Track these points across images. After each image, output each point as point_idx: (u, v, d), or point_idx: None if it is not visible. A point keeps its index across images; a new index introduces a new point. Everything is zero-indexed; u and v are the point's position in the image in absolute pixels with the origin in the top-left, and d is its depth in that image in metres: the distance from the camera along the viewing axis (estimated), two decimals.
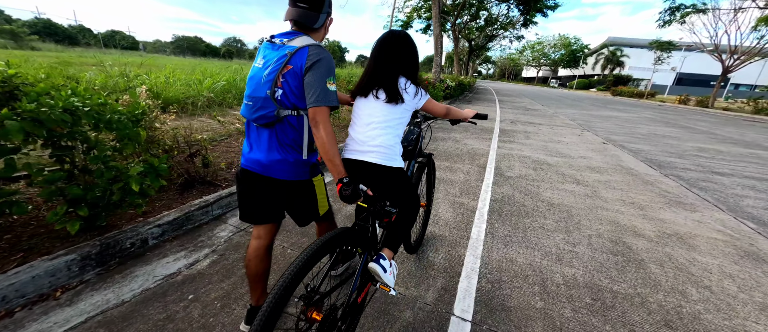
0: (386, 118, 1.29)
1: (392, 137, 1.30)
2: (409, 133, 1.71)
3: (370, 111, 1.30)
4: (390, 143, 1.29)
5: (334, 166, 1.11)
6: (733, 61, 21.90)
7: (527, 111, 12.33)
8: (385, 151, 1.27)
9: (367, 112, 1.31)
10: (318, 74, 1.06)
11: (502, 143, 5.93)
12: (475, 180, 3.78)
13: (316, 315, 1.02)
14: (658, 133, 8.47)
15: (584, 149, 5.85)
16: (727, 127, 11.41)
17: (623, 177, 4.20)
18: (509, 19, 26.59)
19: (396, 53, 1.31)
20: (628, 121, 11.01)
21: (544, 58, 75.94)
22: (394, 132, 1.31)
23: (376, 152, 1.27)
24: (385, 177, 1.30)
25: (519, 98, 20.47)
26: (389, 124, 1.29)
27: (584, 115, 12.36)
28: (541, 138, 6.71)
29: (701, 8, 18.96)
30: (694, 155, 5.93)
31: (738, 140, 8.21)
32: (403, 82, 1.30)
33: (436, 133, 6.39)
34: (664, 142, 7.11)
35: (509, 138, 6.49)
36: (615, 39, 60.20)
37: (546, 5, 21.56)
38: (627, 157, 5.40)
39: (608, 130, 8.44)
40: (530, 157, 4.98)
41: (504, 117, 9.88)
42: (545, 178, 3.96)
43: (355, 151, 1.30)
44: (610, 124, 9.79)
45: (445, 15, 24.42)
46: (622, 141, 6.96)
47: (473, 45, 33.32)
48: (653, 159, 5.41)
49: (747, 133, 10.01)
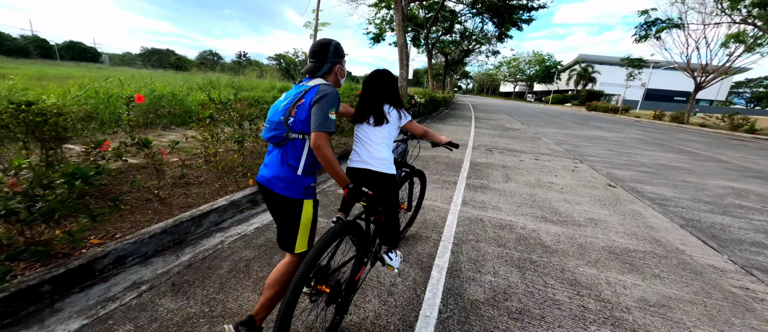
0: (378, 137, 1.71)
1: (385, 150, 1.72)
2: (397, 147, 2.08)
3: (366, 132, 1.73)
4: (384, 155, 1.71)
5: (339, 175, 1.35)
6: (706, 77, 21.84)
7: (506, 132, 10.69)
8: (382, 161, 1.69)
9: (364, 133, 1.73)
10: (323, 105, 1.31)
11: (470, 192, 3.97)
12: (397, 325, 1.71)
13: (325, 289, 1.40)
14: (662, 162, 6.89)
15: (588, 200, 3.98)
16: (725, 149, 10.18)
17: (680, 277, 2.28)
18: (484, 33, 25.77)
19: (379, 86, 1.76)
20: (618, 144, 9.54)
21: (520, 73, 77.68)
22: (386, 146, 1.73)
23: (375, 162, 1.68)
24: (381, 181, 1.70)
25: (497, 114, 19.15)
26: (381, 140, 1.71)
27: (568, 136, 10.85)
28: (524, 178, 4.83)
29: (676, 22, 18.67)
30: (738, 206, 4.20)
31: (759, 171, 6.72)
32: (387, 107, 1.75)
33: None
34: (681, 179, 5.43)
35: (482, 180, 4.56)
36: (585, 56, 62.26)
37: (521, 18, 20.73)
38: (655, 218, 3.56)
39: (604, 160, 6.77)
40: (512, 228, 3.01)
41: (479, 141, 8.07)
42: (544, 301, 1.96)
43: (359, 162, 1.71)
44: (602, 150, 8.19)
45: (417, 27, 23.19)
46: (630, 179, 5.21)
47: (449, 59, 32.43)
48: (692, 218, 3.60)
49: (753, 157, 8.70)
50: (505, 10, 19.67)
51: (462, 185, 4.26)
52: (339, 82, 1.54)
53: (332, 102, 1.33)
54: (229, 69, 25.59)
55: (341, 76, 1.54)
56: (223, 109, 3.72)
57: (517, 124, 13.73)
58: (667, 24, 18.76)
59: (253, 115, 3.94)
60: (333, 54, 1.46)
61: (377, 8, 18.38)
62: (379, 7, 18.21)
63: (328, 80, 1.48)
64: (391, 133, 1.75)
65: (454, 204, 3.53)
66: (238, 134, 3.48)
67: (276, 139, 1.37)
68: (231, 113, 3.71)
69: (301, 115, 1.33)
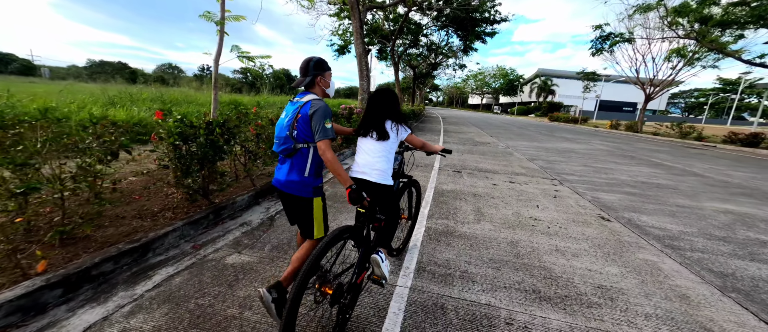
0: (380, 150, 1.83)
1: (385, 163, 1.83)
2: (396, 159, 2.09)
3: (368, 146, 1.85)
4: (384, 167, 1.81)
5: (342, 177, 1.56)
6: (654, 89, 23.25)
7: (476, 147, 9.88)
8: (380, 173, 1.80)
9: (366, 146, 1.86)
10: (318, 118, 1.56)
11: (431, 246, 2.78)
12: None
13: (327, 290, 1.49)
14: (642, 179, 6.27)
15: (587, 247, 2.97)
16: (690, 159, 10.10)
17: None
18: (450, 46, 25.82)
19: (382, 104, 1.89)
20: (590, 157, 9.04)
21: (486, 86, 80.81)
22: (386, 159, 1.84)
23: (374, 173, 1.79)
24: (379, 191, 1.81)
25: (466, 127, 18.68)
26: (382, 153, 1.83)
27: (539, 149, 10.28)
28: (501, 214, 3.78)
29: (628, 37, 19.66)
30: (758, 242, 3.41)
31: (739, 186, 6.29)
32: (389, 124, 1.87)
33: None
34: (674, 204, 4.70)
35: (447, 221, 3.42)
36: (544, 70, 66.20)
37: (484, 32, 20.86)
38: (680, 276, 2.58)
39: (584, 179, 6.00)
40: (492, 323, 1.84)
41: (447, 159, 7.05)
42: None
43: (359, 172, 1.82)
44: (577, 165, 7.53)
45: (383, 39, 22.58)
46: (621, 206, 4.36)
47: (417, 72, 32.28)
48: (724, 272, 2.68)
49: (720, 168, 8.52)
50: (469, 22, 19.64)
51: (420, 233, 3.08)
52: (325, 92, 1.78)
53: (325, 114, 1.58)
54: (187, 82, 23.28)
55: (325, 86, 1.76)
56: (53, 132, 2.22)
57: (487, 137, 13.12)
58: (620, 38, 19.68)
59: (111, 146, 2.43)
60: (313, 67, 1.70)
61: (338, 18, 17.44)
62: (341, 17, 17.29)
63: (316, 92, 1.73)
64: (392, 147, 1.89)
65: (405, 274, 2.32)
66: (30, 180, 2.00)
67: (286, 151, 1.64)
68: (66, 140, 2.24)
69: (302, 127, 1.60)
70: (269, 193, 4.00)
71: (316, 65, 1.70)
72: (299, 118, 1.58)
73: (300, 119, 1.58)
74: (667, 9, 16.86)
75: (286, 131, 1.59)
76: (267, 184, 4.01)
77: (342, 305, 1.58)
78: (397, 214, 1.99)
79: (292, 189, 1.62)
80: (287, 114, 1.64)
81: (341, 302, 1.57)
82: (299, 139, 1.59)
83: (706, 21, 15.03)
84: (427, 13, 19.92)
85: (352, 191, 1.52)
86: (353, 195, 1.52)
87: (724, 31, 15.71)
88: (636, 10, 18.22)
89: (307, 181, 1.62)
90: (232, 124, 3.30)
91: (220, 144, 3.04)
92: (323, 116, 1.55)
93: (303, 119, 1.57)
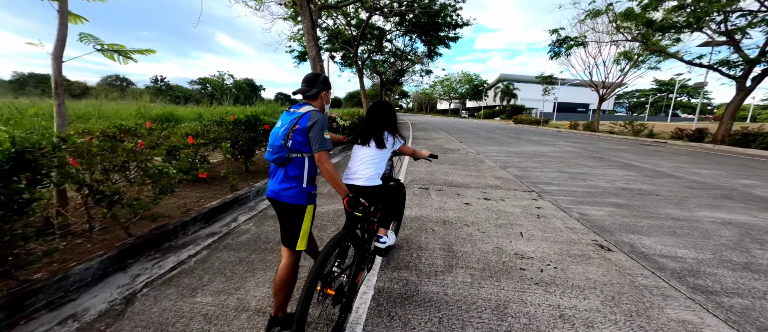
0: (375, 157, 2.03)
1: (380, 168, 2.04)
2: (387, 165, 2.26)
3: (365, 153, 2.04)
4: (375, 173, 2.01)
5: (340, 187, 1.66)
6: (606, 91, 24.57)
7: (445, 155, 9.13)
8: (371, 177, 1.98)
9: (363, 154, 2.05)
10: (317, 130, 1.59)
11: (378, 326, 1.79)
12: None
13: (330, 291, 1.57)
14: (620, 184, 5.78)
15: (600, 303, 2.11)
16: (653, 157, 10.14)
17: None
18: (414, 51, 25.54)
19: (380, 116, 2.11)
20: (562, 161, 8.65)
21: (453, 92, 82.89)
22: (379, 166, 2.04)
23: (366, 178, 1.97)
24: (372, 192, 1.99)
25: (435, 132, 18.17)
26: (377, 160, 2.04)
27: (510, 154, 9.78)
28: (478, 252, 2.86)
29: (581, 41, 20.50)
30: None
31: (716, 186, 6.01)
32: (386, 134, 2.08)
33: None
34: (666, 216, 4.12)
35: (407, 273, 2.42)
36: (506, 75, 69.26)
37: (448, 36, 20.71)
38: None
39: (563, 188, 5.36)
40: None
41: (413, 172, 6.12)
42: None
43: (353, 178, 1.99)
44: (551, 171, 6.98)
45: (346, 45, 21.66)
46: (613, 225, 3.67)
47: (384, 79, 31.71)
48: None
49: (685, 166, 8.48)
50: (432, 27, 19.34)
51: (367, 298, 2.05)
52: (324, 107, 1.82)
53: (323, 125, 1.61)
54: (136, 94, 20.55)
55: (326, 102, 1.83)
56: None
57: (457, 143, 12.54)
58: (576, 42, 20.46)
59: None
60: (322, 83, 1.76)
61: (295, 22, 16.22)
62: (297, 21, 16.07)
63: (316, 105, 1.75)
64: (386, 155, 2.10)
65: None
66: None
67: (279, 160, 1.63)
68: None
69: (297, 137, 1.61)
70: (153, 246, 2.75)
71: (325, 80, 1.78)
72: (296, 128, 1.60)
73: (296, 130, 1.61)
74: (615, 13, 17.71)
75: (281, 140, 1.61)
76: (157, 229, 2.76)
77: (343, 304, 1.68)
78: (392, 199, 2.26)
79: (285, 197, 1.63)
80: (283, 123, 1.66)
81: (343, 301, 1.67)
82: (294, 149, 1.62)
83: (650, 24, 15.87)
84: (388, 19, 19.32)
85: (350, 198, 1.67)
86: (351, 201, 1.67)
87: (664, 34, 16.77)
88: (587, 15, 19.01)
89: (301, 188, 1.65)
90: (46, 153, 2.05)
91: (17, 188, 1.80)
92: (322, 128, 1.60)
93: (299, 130, 1.60)
